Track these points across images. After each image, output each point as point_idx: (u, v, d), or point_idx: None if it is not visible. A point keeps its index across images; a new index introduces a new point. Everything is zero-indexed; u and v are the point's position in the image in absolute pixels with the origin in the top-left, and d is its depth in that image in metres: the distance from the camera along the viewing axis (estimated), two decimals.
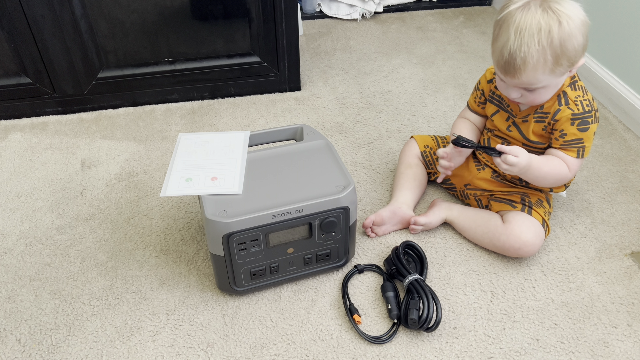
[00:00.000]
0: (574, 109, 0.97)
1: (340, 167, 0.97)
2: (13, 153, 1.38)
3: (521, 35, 0.88)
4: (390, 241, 1.12)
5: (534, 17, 0.88)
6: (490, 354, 0.91)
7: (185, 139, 1.04)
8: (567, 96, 0.98)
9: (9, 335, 0.95)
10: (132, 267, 1.07)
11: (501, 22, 0.92)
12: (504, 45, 0.90)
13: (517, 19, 0.89)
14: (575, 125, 0.97)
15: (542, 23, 0.87)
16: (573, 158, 1.00)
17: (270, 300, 1.00)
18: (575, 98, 0.98)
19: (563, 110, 0.97)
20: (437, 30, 1.97)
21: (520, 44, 0.88)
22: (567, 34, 0.88)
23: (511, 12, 0.90)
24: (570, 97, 0.98)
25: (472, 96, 1.15)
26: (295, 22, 1.47)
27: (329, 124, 1.48)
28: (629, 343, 0.93)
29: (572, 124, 0.97)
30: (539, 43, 0.87)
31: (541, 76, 0.91)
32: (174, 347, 0.93)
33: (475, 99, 1.14)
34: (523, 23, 0.88)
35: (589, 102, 0.98)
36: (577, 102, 0.97)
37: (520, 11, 0.89)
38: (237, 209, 0.88)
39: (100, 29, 1.40)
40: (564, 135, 0.99)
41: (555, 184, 1.04)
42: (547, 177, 1.01)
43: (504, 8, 0.93)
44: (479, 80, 1.12)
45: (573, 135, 0.98)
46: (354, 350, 0.92)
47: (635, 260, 1.08)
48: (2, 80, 1.43)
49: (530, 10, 0.88)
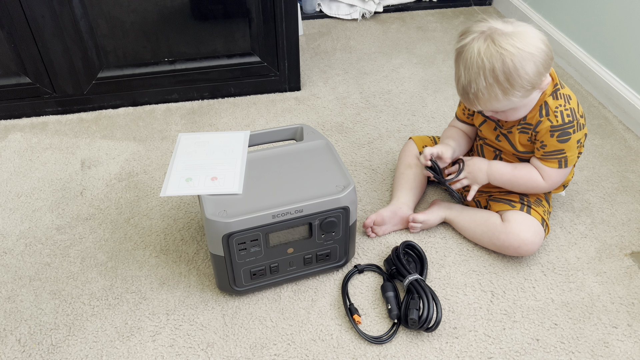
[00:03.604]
0: (553, 121, 0.96)
1: (340, 167, 0.97)
2: (13, 153, 1.38)
3: (469, 72, 0.89)
4: (390, 241, 1.12)
5: (479, 53, 0.87)
6: (490, 354, 0.91)
7: (185, 139, 1.04)
8: (547, 107, 0.97)
9: (9, 335, 0.95)
10: (132, 267, 1.07)
11: (457, 53, 0.92)
12: (458, 79, 0.92)
13: (466, 54, 0.89)
14: (555, 137, 0.96)
15: (485, 61, 0.87)
16: (553, 169, 1.00)
17: (270, 300, 1.00)
18: (556, 108, 0.96)
19: (543, 122, 0.97)
20: (437, 30, 1.97)
21: (469, 80, 0.89)
22: (512, 69, 0.86)
23: (463, 45, 0.90)
24: (550, 108, 0.96)
25: (460, 108, 1.14)
26: (295, 22, 1.47)
27: (329, 124, 1.48)
28: (629, 343, 0.93)
29: (552, 135, 0.96)
30: (485, 80, 0.88)
31: (498, 104, 0.92)
32: (174, 347, 0.93)
33: (463, 111, 1.13)
34: (470, 59, 0.88)
35: (571, 112, 0.96)
36: (557, 112, 0.96)
37: (469, 45, 0.89)
38: (237, 209, 0.88)
39: (100, 29, 1.40)
40: (544, 146, 0.98)
41: (527, 191, 1.05)
42: (513, 185, 1.04)
43: (459, 37, 0.93)
44: None
45: (553, 146, 0.97)
46: (354, 350, 0.92)
47: (635, 260, 1.08)
48: (2, 80, 1.43)
49: (476, 45, 0.88)
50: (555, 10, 1.76)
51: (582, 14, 1.62)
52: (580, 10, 1.63)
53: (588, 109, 1.53)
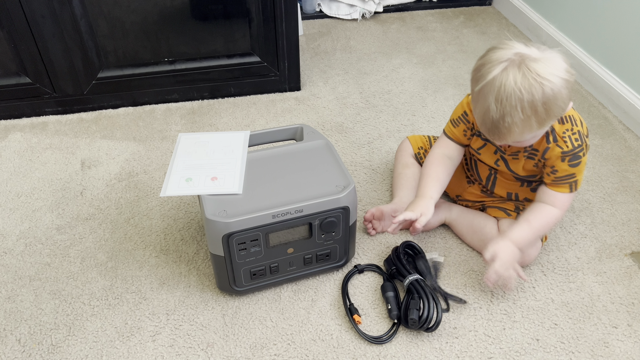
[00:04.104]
0: (563, 147, 0.92)
1: (340, 167, 0.97)
2: (13, 153, 1.38)
3: (502, 105, 0.81)
4: (390, 241, 1.12)
5: (515, 84, 0.80)
6: (490, 354, 0.91)
7: (185, 139, 1.04)
8: (554, 132, 0.93)
9: (9, 335, 0.95)
10: (132, 267, 1.07)
11: (483, 85, 0.84)
12: (486, 112, 0.84)
13: (497, 85, 0.81)
14: (566, 161, 0.93)
15: (524, 92, 0.80)
16: (565, 194, 0.96)
17: (270, 300, 1.00)
18: (564, 134, 0.92)
19: (552, 149, 0.93)
20: (437, 30, 1.97)
21: (502, 114, 0.82)
22: (551, 97, 0.81)
23: (490, 76, 0.82)
24: (558, 134, 0.93)
25: (459, 128, 1.04)
26: (295, 22, 1.47)
27: (329, 124, 1.48)
28: (629, 343, 0.93)
29: (563, 160, 0.93)
30: (523, 112, 0.81)
31: (528, 135, 0.86)
32: (174, 347, 0.93)
33: (464, 132, 1.04)
34: (503, 92, 0.81)
35: (579, 135, 0.93)
36: (566, 137, 0.92)
37: (500, 77, 0.81)
38: (237, 209, 0.88)
39: (100, 29, 1.40)
40: (555, 171, 0.95)
41: (551, 229, 1.02)
42: (540, 234, 0.99)
43: (481, 66, 0.85)
44: (464, 111, 1.02)
45: (565, 171, 0.94)
46: (354, 350, 0.92)
47: (635, 260, 1.08)
48: (2, 80, 1.43)
49: (509, 76, 0.80)
50: (555, 10, 1.76)
51: (582, 14, 1.62)
52: (580, 10, 1.63)
53: (588, 109, 1.53)
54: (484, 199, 1.12)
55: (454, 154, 1.06)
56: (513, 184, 1.07)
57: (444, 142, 1.07)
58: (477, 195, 1.13)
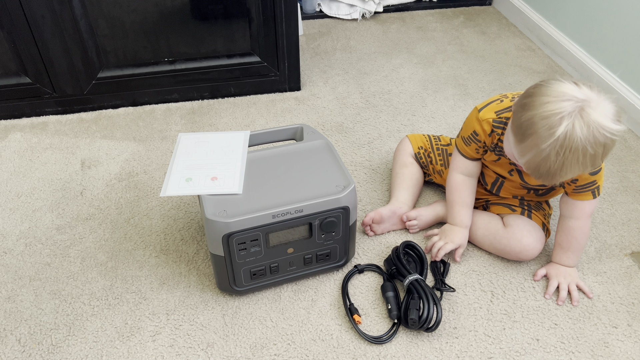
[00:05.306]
0: None
1: (340, 167, 0.97)
2: (13, 153, 1.38)
3: (564, 157, 0.79)
4: (390, 241, 1.12)
5: (580, 138, 0.77)
6: (490, 354, 0.91)
7: (185, 139, 1.04)
8: None
9: (9, 335, 0.95)
10: (132, 267, 1.07)
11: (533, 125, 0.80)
12: (543, 160, 0.81)
13: (561, 138, 0.77)
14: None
15: (589, 149, 0.78)
16: (589, 202, 0.96)
17: (270, 300, 1.00)
18: None
19: None
20: (437, 30, 1.97)
21: (562, 164, 0.80)
22: (610, 147, 0.80)
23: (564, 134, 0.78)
24: None
25: (471, 147, 1.02)
26: (295, 22, 1.47)
27: (329, 124, 1.48)
28: (629, 343, 0.93)
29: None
30: (583, 165, 0.80)
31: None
32: (174, 347, 0.93)
33: (476, 150, 1.02)
34: (567, 144, 0.78)
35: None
36: None
37: (564, 128, 0.77)
38: (237, 209, 0.88)
39: (100, 29, 1.40)
40: (576, 181, 0.94)
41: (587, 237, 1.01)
42: (583, 245, 1.01)
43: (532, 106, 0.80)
44: (475, 131, 0.99)
45: (585, 179, 0.93)
46: (354, 350, 0.92)
47: (635, 260, 1.08)
48: (2, 80, 1.43)
49: (577, 130, 0.77)
50: (555, 10, 1.76)
51: (582, 14, 1.62)
52: (580, 10, 1.63)
53: None
54: (488, 197, 1.12)
55: (473, 170, 1.06)
56: (520, 190, 1.06)
57: (460, 162, 1.05)
58: (480, 193, 1.12)
